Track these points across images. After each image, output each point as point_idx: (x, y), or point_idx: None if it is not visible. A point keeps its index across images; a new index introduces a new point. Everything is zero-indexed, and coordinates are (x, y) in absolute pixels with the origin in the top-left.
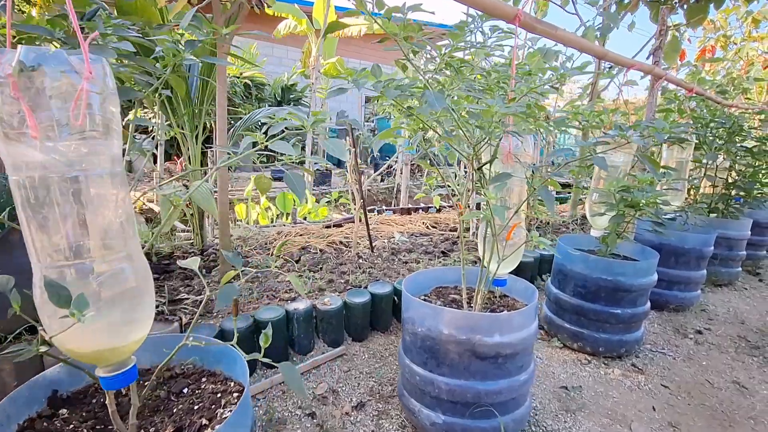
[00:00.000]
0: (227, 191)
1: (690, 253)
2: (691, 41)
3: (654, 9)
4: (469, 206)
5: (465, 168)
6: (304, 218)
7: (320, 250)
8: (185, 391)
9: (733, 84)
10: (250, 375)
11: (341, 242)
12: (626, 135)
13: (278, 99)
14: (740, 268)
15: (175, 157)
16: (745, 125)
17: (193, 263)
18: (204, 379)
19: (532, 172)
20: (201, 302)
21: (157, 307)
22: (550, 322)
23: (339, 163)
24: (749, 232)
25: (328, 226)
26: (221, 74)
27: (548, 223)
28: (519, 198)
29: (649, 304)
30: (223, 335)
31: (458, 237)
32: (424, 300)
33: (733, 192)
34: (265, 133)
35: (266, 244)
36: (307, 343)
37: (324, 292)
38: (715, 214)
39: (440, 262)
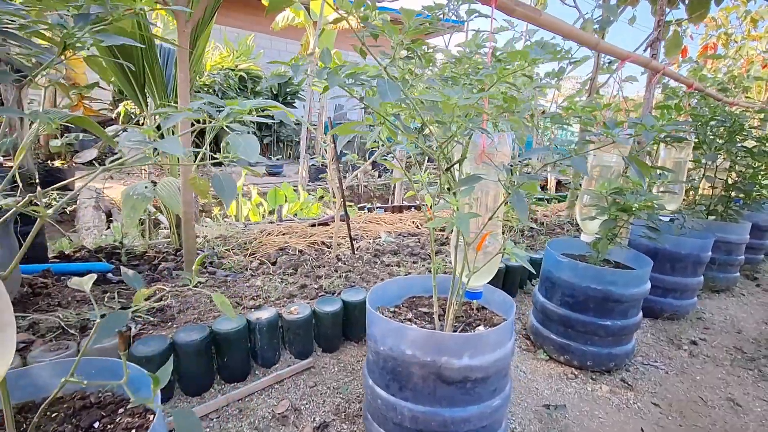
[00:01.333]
0: (191, 189)
1: (687, 258)
2: (693, 38)
3: (655, 3)
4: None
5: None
6: (295, 215)
7: (300, 251)
8: (96, 426)
9: (734, 82)
10: (207, 390)
11: (323, 242)
12: (612, 133)
13: (274, 92)
14: (738, 273)
15: None
16: (746, 124)
17: (87, 283)
18: (121, 411)
19: (506, 173)
20: (159, 310)
21: (103, 316)
22: (536, 333)
23: (339, 158)
24: (748, 236)
25: (313, 225)
26: (182, 63)
27: (543, 224)
28: (495, 203)
29: (641, 314)
30: (175, 350)
31: (431, 243)
32: (394, 312)
33: (733, 194)
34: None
35: (245, 243)
36: (271, 355)
37: (294, 299)
38: (713, 217)
39: (424, 265)
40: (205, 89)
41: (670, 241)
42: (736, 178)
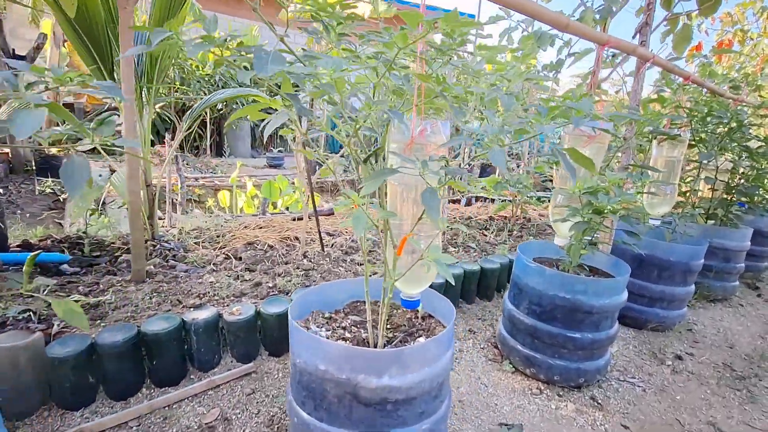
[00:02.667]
0: (138, 178)
1: (675, 266)
2: (708, 34)
3: None
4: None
5: None
6: (287, 208)
7: (270, 246)
8: None
9: (747, 80)
10: (133, 394)
11: (296, 238)
12: (541, 120)
13: (279, 84)
14: (737, 282)
15: (164, 141)
16: (745, 121)
17: None
18: None
19: (424, 167)
20: (93, 306)
21: (25, 312)
22: (503, 342)
23: (339, 151)
24: (749, 243)
25: (295, 219)
26: (124, 43)
27: (535, 225)
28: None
29: (616, 327)
30: (97, 351)
31: (362, 245)
32: (330, 318)
33: (734, 197)
34: None
35: (218, 236)
36: (209, 359)
37: (243, 298)
38: (713, 221)
39: None
40: (207, 78)
41: (655, 247)
42: (739, 180)
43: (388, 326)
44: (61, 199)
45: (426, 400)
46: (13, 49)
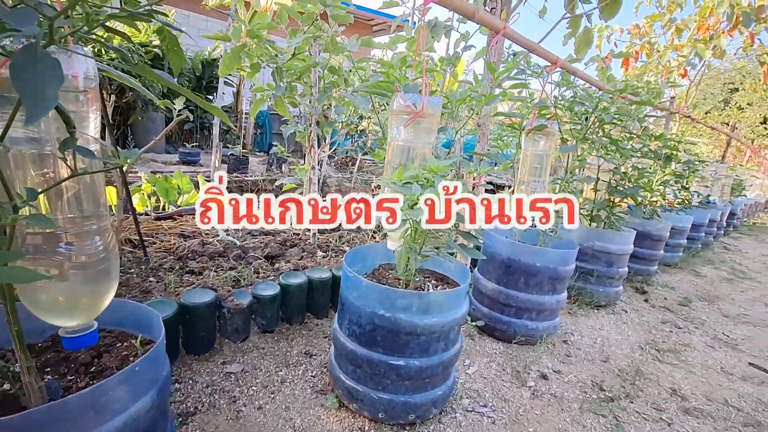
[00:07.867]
0: None
1: (542, 272)
2: (617, 45)
3: None
4: None
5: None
6: (178, 206)
7: None
8: None
9: (648, 88)
10: None
11: (129, 240)
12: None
13: (198, 75)
14: (621, 287)
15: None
16: (612, 109)
17: None
18: None
19: None
20: None
21: None
22: (331, 371)
23: (269, 150)
24: (632, 246)
25: (159, 218)
26: None
27: None
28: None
29: (456, 348)
30: None
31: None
32: None
33: (615, 198)
34: None
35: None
36: None
37: None
38: (596, 224)
39: (236, 273)
40: (109, 65)
41: (522, 251)
42: (620, 180)
43: (91, 371)
44: None
45: None
46: None
